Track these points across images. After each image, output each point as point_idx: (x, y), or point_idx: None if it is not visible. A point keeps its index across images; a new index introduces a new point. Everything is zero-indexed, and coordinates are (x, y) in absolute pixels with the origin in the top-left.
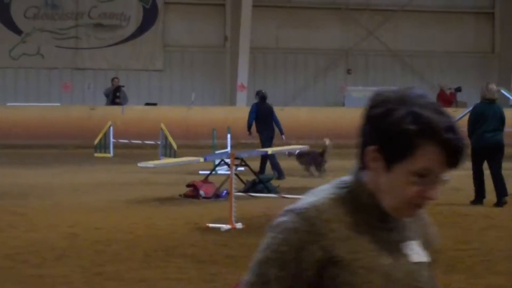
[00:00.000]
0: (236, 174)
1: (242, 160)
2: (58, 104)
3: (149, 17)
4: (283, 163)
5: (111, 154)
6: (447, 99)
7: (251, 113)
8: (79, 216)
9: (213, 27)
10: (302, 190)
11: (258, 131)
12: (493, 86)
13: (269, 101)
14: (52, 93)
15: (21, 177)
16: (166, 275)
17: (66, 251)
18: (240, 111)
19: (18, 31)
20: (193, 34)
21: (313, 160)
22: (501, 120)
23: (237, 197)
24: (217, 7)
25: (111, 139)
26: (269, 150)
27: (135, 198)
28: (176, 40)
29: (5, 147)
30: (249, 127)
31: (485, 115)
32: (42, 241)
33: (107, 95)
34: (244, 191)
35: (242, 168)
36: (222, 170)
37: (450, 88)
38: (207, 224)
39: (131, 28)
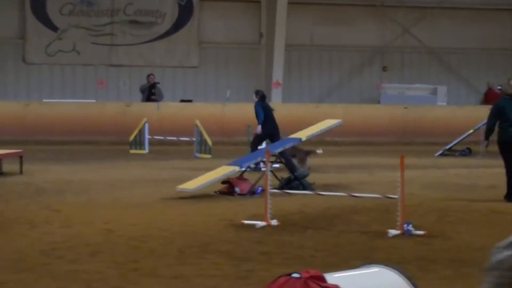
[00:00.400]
0: (271, 171)
1: (277, 157)
2: (94, 100)
3: (184, 14)
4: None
5: (146, 151)
6: (497, 97)
7: (260, 112)
8: (114, 212)
9: (248, 24)
10: (338, 187)
11: (262, 128)
12: None
13: (304, 98)
14: (87, 90)
15: (57, 173)
16: (201, 272)
17: (101, 247)
18: (275, 108)
19: (54, 28)
20: (228, 31)
21: (295, 153)
22: None
23: (272, 194)
24: (252, 4)
25: (146, 136)
26: (303, 137)
27: (170, 194)
28: (211, 37)
29: (41, 144)
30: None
31: (506, 111)
32: (78, 237)
33: (142, 92)
34: (279, 188)
35: (277, 165)
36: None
37: (500, 86)
38: (242, 221)
39: (167, 25)
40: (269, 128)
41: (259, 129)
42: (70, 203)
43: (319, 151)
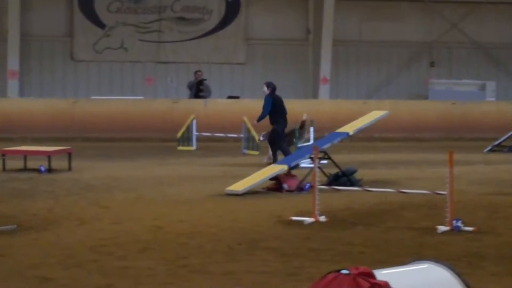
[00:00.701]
0: (319, 167)
1: (325, 153)
2: (141, 97)
3: (231, 11)
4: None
5: (194, 147)
6: None
7: (268, 105)
8: (163, 209)
9: (296, 20)
10: (386, 183)
11: (272, 122)
12: None
13: (352, 94)
14: (135, 87)
15: (105, 170)
16: (250, 268)
17: (150, 244)
18: (323, 105)
19: (101, 25)
20: (275, 27)
21: (289, 135)
22: None
23: (320, 190)
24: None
25: (194, 132)
26: (351, 131)
27: (218, 191)
28: (258, 33)
29: (89, 140)
30: (262, 119)
31: None
32: (127, 234)
33: (190, 88)
34: (327, 184)
35: (325, 161)
36: (305, 163)
37: None
38: (291, 218)
39: (214, 21)
40: (283, 122)
41: (254, 122)
42: (119, 199)
43: (304, 116)
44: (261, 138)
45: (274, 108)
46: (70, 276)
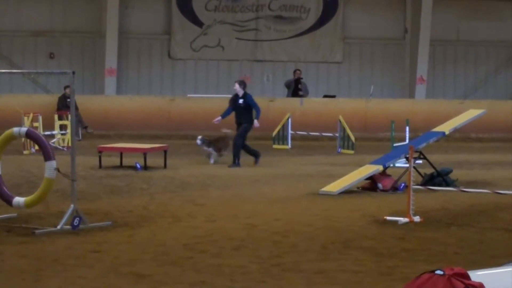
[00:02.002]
0: (414, 167)
1: (420, 153)
2: None
3: (329, 9)
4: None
5: (289, 146)
6: None
7: (255, 101)
8: (258, 207)
9: (393, 19)
10: (482, 184)
11: (242, 120)
12: None
13: (449, 94)
14: (231, 85)
15: (200, 168)
16: (344, 267)
17: (245, 242)
18: (419, 104)
19: (199, 23)
20: (372, 26)
21: (224, 145)
22: None
23: (415, 190)
24: None
25: (289, 131)
26: (446, 130)
27: (313, 190)
28: (355, 32)
29: (185, 138)
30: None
31: None
32: (221, 231)
33: (288, 87)
34: (422, 184)
35: (420, 161)
36: (400, 163)
37: None
38: (385, 217)
39: (311, 20)
40: (252, 121)
41: (257, 124)
42: (214, 197)
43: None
44: (199, 142)
45: (249, 106)
46: (164, 273)
